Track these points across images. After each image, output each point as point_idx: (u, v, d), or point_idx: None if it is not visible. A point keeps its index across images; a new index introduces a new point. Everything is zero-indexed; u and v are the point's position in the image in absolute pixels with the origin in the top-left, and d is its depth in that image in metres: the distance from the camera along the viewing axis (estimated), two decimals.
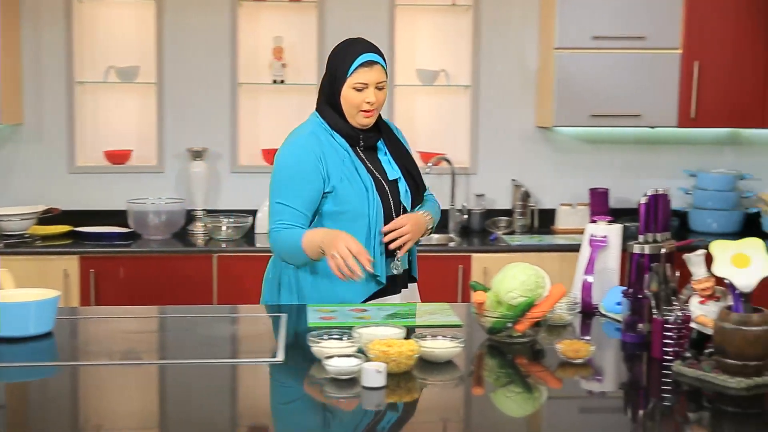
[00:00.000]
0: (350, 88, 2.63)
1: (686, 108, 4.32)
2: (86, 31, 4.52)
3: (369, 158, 2.72)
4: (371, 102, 2.63)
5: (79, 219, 4.45)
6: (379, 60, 2.64)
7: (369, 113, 2.65)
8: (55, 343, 2.33)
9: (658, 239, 2.44)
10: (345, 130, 2.68)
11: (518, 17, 4.60)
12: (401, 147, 2.80)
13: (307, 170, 2.62)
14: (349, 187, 2.64)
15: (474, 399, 1.97)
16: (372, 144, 2.73)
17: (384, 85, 2.66)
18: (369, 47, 2.66)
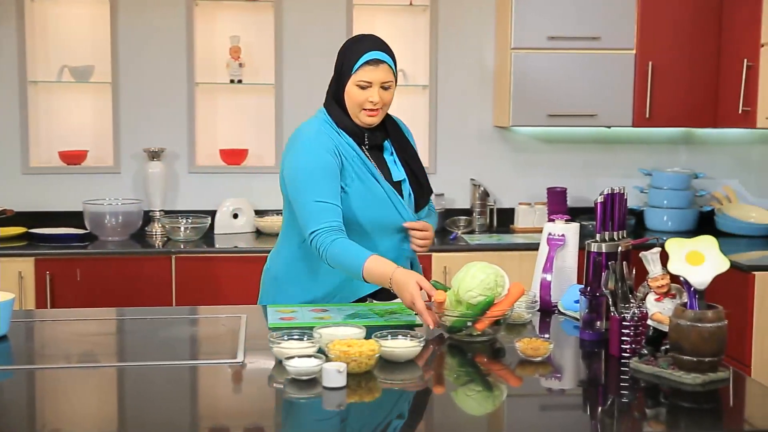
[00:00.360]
0: (354, 85, 2.57)
1: (641, 108, 4.38)
2: (39, 30, 4.46)
3: (374, 158, 2.67)
4: (374, 101, 2.57)
5: (34, 220, 4.39)
6: (385, 59, 2.57)
7: (373, 113, 2.59)
8: (10, 347, 2.29)
9: (614, 238, 2.47)
10: (350, 128, 2.62)
11: (475, 17, 4.63)
12: (408, 147, 2.74)
13: (330, 163, 2.55)
14: (364, 189, 2.59)
15: (435, 398, 1.98)
16: (377, 143, 2.67)
17: (390, 85, 2.59)
18: (377, 45, 2.59)
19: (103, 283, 3.95)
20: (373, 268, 2.43)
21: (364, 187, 2.60)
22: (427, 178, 2.75)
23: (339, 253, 2.47)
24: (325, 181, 2.54)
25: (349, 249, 2.48)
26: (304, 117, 4.62)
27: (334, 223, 2.50)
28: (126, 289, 3.96)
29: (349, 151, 2.61)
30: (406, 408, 1.90)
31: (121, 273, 3.97)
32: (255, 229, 4.48)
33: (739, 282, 3.69)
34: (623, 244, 2.40)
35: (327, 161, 2.55)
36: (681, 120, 4.46)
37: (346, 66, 2.59)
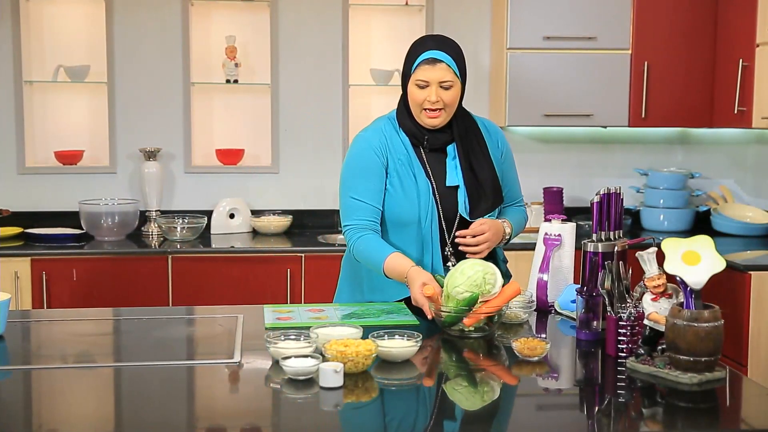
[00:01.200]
0: (413, 85, 2.58)
1: (637, 108, 4.38)
2: (34, 30, 4.45)
3: (432, 161, 2.65)
4: (432, 101, 2.55)
5: (30, 220, 4.39)
6: (443, 58, 2.55)
7: (434, 114, 2.57)
8: (7, 347, 2.29)
9: (611, 237, 2.48)
10: (409, 129, 2.63)
11: (471, 18, 4.63)
12: (480, 153, 2.67)
13: (370, 164, 2.61)
14: (400, 188, 2.62)
15: (432, 398, 1.98)
16: (438, 146, 2.65)
17: (451, 85, 2.55)
18: (436, 44, 2.58)
19: (100, 283, 3.95)
20: (392, 265, 2.53)
21: (402, 186, 2.62)
22: (497, 186, 2.67)
23: (364, 248, 2.59)
24: (363, 180, 2.61)
25: (373, 245, 2.58)
26: (300, 116, 4.65)
27: (364, 221, 2.61)
28: (122, 289, 3.96)
29: (401, 150, 2.63)
30: (403, 408, 1.90)
31: (117, 273, 3.97)
32: (251, 229, 4.48)
33: (736, 282, 3.70)
34: (620, 244, 2.40)
35: (370, 160, 2.61)
36: (677, 120, 4.47)
37: (407, 66, 2.62)
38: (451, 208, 2.66)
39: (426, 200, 2.63)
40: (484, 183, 2.65)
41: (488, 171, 2.67)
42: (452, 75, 2.56)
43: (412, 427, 1.80)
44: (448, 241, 2.68)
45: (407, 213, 2.63)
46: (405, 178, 2.62)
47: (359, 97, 4.63)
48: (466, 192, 2.64)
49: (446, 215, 2.66)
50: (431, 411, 1.90)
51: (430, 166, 2.66)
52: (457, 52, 2.60)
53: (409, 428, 1.79)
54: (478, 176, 2.65)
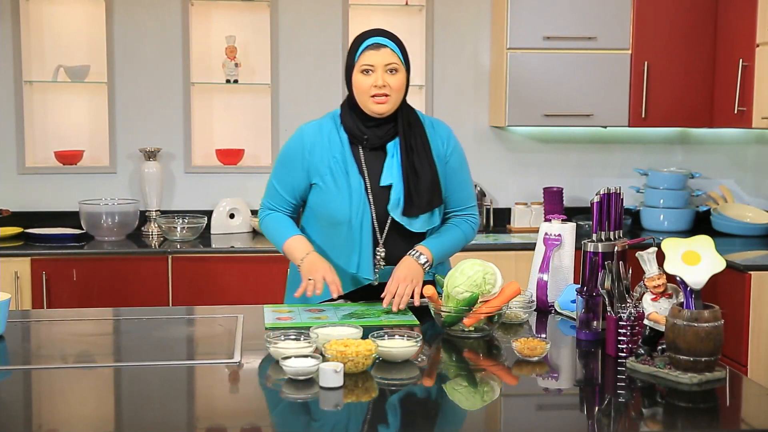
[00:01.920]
0: (359, 73, 2.56)
1: (637, 108, 4.38)
2: (34, 30, 4.45)
3: (370, 159, 2.62)
4: (379, 85, 2.52)
5: (30, 220, 4.39)
6: (386, 42, 2.56)
7: (381, 99, 2.53)
8: (7, 347, 2.29)
9: (611, 237, 2.48)
10: (349, 127, 2.61)
11: (471, 17, 4.63)
12: (422, 151, 2.60)
13: (292, 159, 2.66)
14: (333, 186, 2.60)
15: (432, 398, 1.98)
16: (378, 144, 2.61)
17: (396, 68, 2.54)
18: (380, 32, 2.59)
19: (100, 283, 3.95)
20: (289, 250, 2.65)
21: (335, 184, 2.60)
22: (435, 188, 2.60)
23: (270, 224, 2.73)
24: (285, 170, 2.70)
25: (279, 223, 2.71)
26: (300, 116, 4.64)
27: (276, 207, 2.73)
28: (122, 289, 3.95)
29: (337, 148, 2.62)
30: (403, 408, 1.90)
31: (117, 273, 3.96)
32: (251, 229, 4.48)
33: (736, 282, 3.70)
34: (620, 244, 2.40)
35: (294, 155, 2.67)
36: (677, 120, 4.47)
37: (350, 57, 2.60)
38: (384, 209, 2.62)
39: (358, 199, 2.59)
40: (422, 182, 2.57)
41: (428, 170, 2.59)
42: (397, 59, 2.56)
43: (413, 428, 1.80)
44: (381, 241, 2.64)
45: (339, 212, 2.60)
46: (338, 176, 2.60)
47: None
48: (403, 190, 2.58)
49: (379, 216, 2.62)
50: (431, 412, 1.90)
51: (367, 165, 2.61)
52: (399, 41, 2.62)
53: (409, 428, 1.79)
54: (417, 174, 2.57)
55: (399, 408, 1.90)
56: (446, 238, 2.68)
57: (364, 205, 2.59)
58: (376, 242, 2.65)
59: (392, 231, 2.64)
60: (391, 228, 2.64)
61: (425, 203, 2.59)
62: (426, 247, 2.62)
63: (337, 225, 2.62)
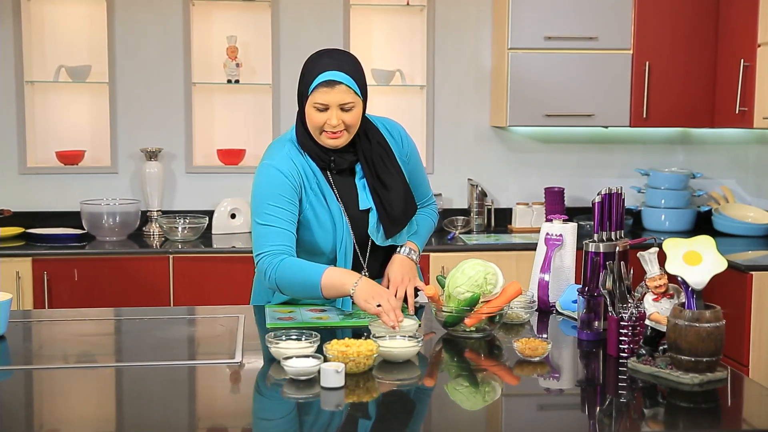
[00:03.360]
0: (311, 107, 2.43)
1: (638, 108, 4.38)
2: (36, 30, 4.45)
3: (341, 184, 2.54)
4: (333, 125, 2.42)
5: (32, 220, 4.39)
6: (342, 79, 2.40)
7: (335, 135, 2.44)
8: (8, 347, 2.29)
9: (612, 237, 2.48)
10: (313, 150, 2.50)
11: (472, 18, 4.63)
12: (390, 169, 2.54)
13: (285, 187, 2.46)
14: (314, 218, 2.51)
15: (433, 398, 1.98)
16: (344, 167, 2.53)
17: (352, 106, 2.41)
18: (333, 64, 2.42)
19: (101, 283, 3.95)
20: (333, 276, 2.39)
21: (315, 215, 2.51)
22: (409, 205, 2.57)
23: (290, 272, 2.42)
24: (275, 206, 2.45)
25: (301, 266, 2.43)
26: None
27: (280, 246, 2.44)
28: (123, 289, 3.96)
29: (311, 176, 2.51)
30: (404, 408, 1.90)
31: (118, 273, 3.97)
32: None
33: (737, 282, 3.70)
34: (621, 244, 2.40)
35: (282, 185, 2.46)
36: (678, 120, 4.47)
37: (303, 87, 2.46)
38: (364, 232, 2.55)
39: (340, 226, 2.51)
40: (395, 203, 2.53)
41: (398, 182, 2.54)
42: (352, 95, 2.41)
43: (414, 428, 1.80)
44: (364, 265, 2.59)
45: (323, 242, 2.52)
46: (318, 207, 2.50)
47: None
48: (377, 215, 2.53)
49: (359, 239, 2.56)
50: (432, 411, 1.90)
51: (339, 190, 2.53)
52: (356, 69, 2.45)
53: (411, 429, 1.79)
54: (389, 196, 2.52)
55: (400, 408, 1.89)
56: (423, 230, 2.72)
57: (345, 232, 2.52)
58: (360, 266, 2.59)
59: (373, 251, 2.61)
60: (372, 249, 2.60)
61: (403, 218, 2.57)
62: (411, 241, 2.65)
63: (320, 255, 2.54)
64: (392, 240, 2.60)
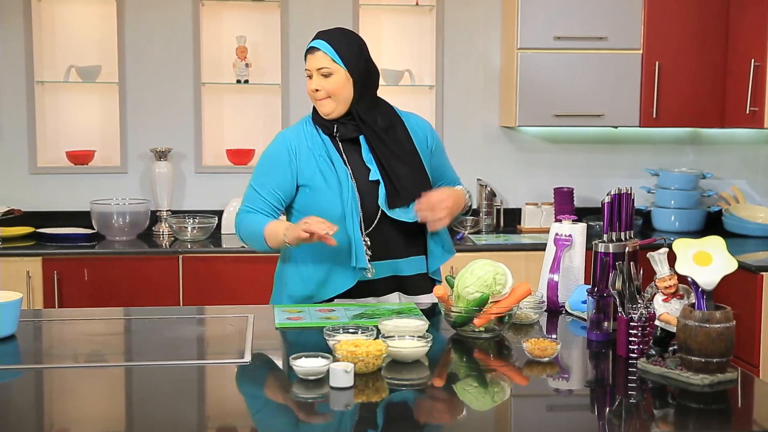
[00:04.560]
0: (307, 77, 2.68)
1: (648, 108, 4.37)
2: (46, 30, 4.47)
3: (350, 153, 2.67)
4: (312, 89, 2.63)
5: (42, 220, 4.40)
6: (320, 45, 2.61)
7: (320, 102, 2.64)
8: (18, 346, 2.30)
9: (622, 238, 2.47)
10: (319, 120, 2.70)
11: (481, 17, 4.63)
12: (393, 139, 2.67)
13: (278, 163, 2.67)
14: (324, 184, 2.63)
15: (442, 398, 1.97)
16: (349, 137, 2.67)
17: (330, 72, 2.60)
18: (320, 35, 2.66)
19: (111, 282, 3.96)
20: (270, 230, 2.61)
21: (323, 177, 2.64)
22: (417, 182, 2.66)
23: (244, 223, 2.69)
24: (266, 174, 2.69)
25: (252, 219, 2.67)
26: None
27: (254, 207, 2.69)
28: (133, 288, 3.97)
29: (319, 144, 2.67)
30: (413, 408, 1.90)
31: (128, 273, 3.98)
32: None
33: (747, 283, 3.68)
34: (630, 245, 2.40)
35: (279, 156, 2.68)
36: (688, 120, 4.45)
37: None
38: (371, 204, 2.65)
39: (347, 193, 2.62)
40: (402, 179, 2.64)
41: (408, 160, 2.67)
42: (329, 61, 2.60)
43: (423, 428, 1.80)
44: (365, 232, 2.64)
45: (331, 208, 2.61)
46: (327, 173, 2.63)
47: None
48: (384, 188, 2.65)
49: (366, 211, 2.65)
50: (441, 411, 1.90)
51: (348, 158, 2.67)
52: (342, 41, 2.62)
53: (420, 429, 1.79)
54: (394, 166, 2.64)
55: (409, 408, 1.89)
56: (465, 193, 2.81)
57: (353, 199, 2.63)
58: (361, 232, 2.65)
59: (380, 226, 2.67)
60: (379, 223, 2.66)
61: (409, 189, 2.66)
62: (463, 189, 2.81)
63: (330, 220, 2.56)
64: (402, 214, 2.64)
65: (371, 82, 2.70)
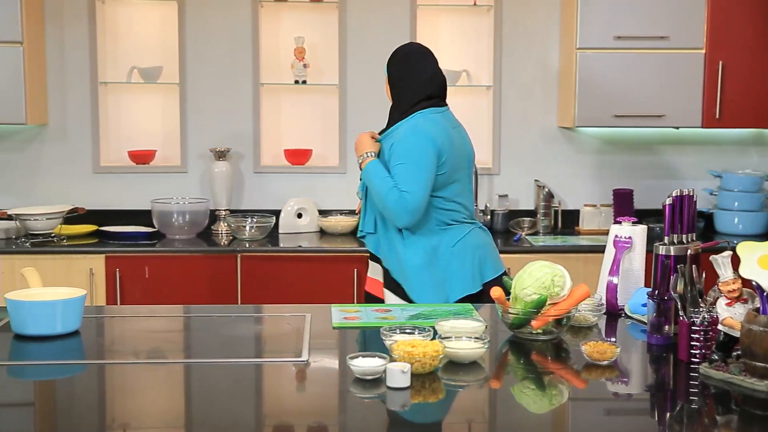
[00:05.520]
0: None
1: (711, 108, 4.29)
2: (109, 32, 4.55)
3: None
4: None
5: (104, 218, 4.48)
6: None
7: None
8: (82, 342, 2.35)
9: (683, 240, 2.43)
10: None
11: (540, 17, 4.59)
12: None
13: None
14: None
15: (499, 399, 1.96)
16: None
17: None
18: None
19: (170, 280, 4.02)
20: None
21: None
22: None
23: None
24: None
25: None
26: (367, 117, 4.67)
27: None
28: (192, 286, 4.02)
29: None
30: (470, 409, 1.89)
31: (187, 271, 4.03)
32: (319, 229, 4.51)
33: None
34: (693, 247, 2.36)
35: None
36: (752, 121, 4.36)
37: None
38: None
39: None
40: None
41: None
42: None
43: (479, 430, 1.79)
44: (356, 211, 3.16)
45: None
46: None
47: None
48: None
49: None
50: (497, 413, 1.89)
51: None
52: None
53: (476, 430, 1.78)
54: None
55: (466, 410, 1.89)
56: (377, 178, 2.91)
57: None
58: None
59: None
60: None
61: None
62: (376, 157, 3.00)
63: None
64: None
65: None
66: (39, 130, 4.52)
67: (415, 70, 2.99)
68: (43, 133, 4.53)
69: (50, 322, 2.32)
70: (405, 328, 2.20)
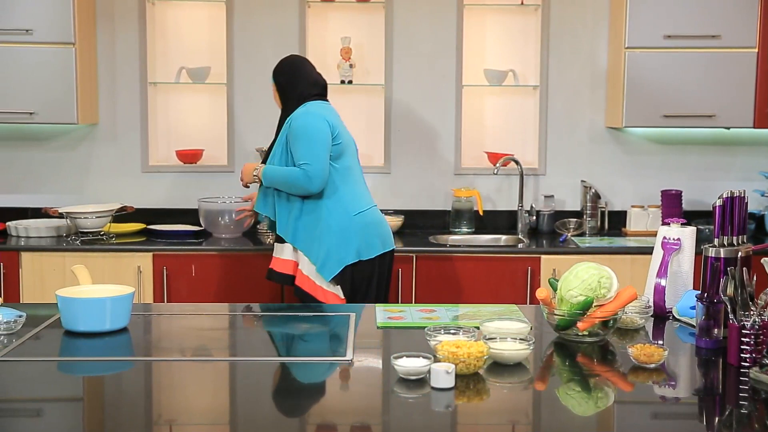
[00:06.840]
0: None
1: (763, 108, 4.21)
2: (159, 33, 4.61)
3: None
4: None
5: (152, 217, 4.54)
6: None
7: None
8: (131, 339, 2.38)
9: (734, 242, 2.39)
10: None
11: (588, 17, 4.54)
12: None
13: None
14: None
15: (544, 401, 1.95)
16: None
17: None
18: None
19: (217, 278, 4.06)
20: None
21: None
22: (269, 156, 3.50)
23: None
24: None
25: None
26: (413, 117, 4.66)
27: None
28: (238, 285, 4.05)
29: None
30: (514, 410, 1.88)
31: (233, 269, 4.06)
32: None
33: None
34: (743, 249, 2.32)
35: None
36: None
37: None
38: None
39: None
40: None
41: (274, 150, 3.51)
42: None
43: (523, 430, 1.78)
44: None
45: None
46: None
47: (472, 97, 4.61)
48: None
49: None
50: (542, 414, 1.88)
51: None
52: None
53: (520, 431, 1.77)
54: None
55: (510, 411, 1.88)
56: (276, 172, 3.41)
57: None
58: None
59: None
60: None
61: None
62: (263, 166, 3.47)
63: None
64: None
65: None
66: (90, 129, 4.59)
67: (301, 75, 3.51)
68: (93, 132, 4.60)
69: (99, 318, 2.35)
70: (449, 328, 2.19)
